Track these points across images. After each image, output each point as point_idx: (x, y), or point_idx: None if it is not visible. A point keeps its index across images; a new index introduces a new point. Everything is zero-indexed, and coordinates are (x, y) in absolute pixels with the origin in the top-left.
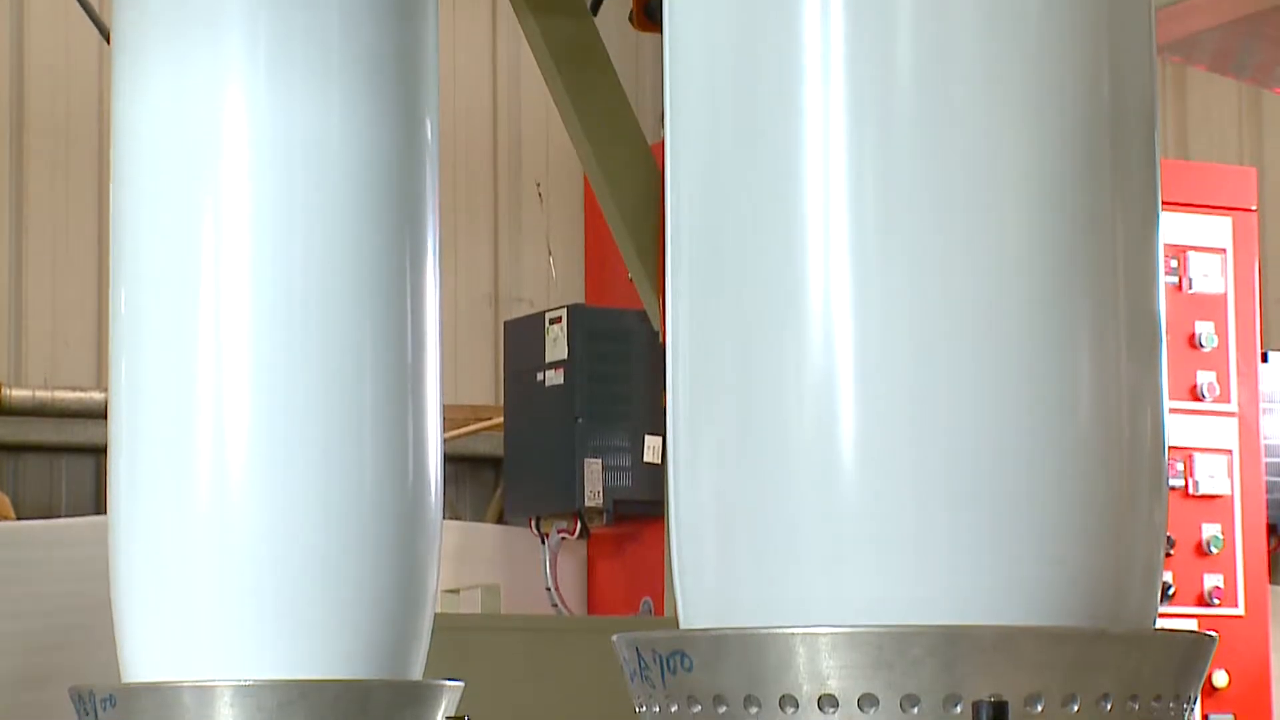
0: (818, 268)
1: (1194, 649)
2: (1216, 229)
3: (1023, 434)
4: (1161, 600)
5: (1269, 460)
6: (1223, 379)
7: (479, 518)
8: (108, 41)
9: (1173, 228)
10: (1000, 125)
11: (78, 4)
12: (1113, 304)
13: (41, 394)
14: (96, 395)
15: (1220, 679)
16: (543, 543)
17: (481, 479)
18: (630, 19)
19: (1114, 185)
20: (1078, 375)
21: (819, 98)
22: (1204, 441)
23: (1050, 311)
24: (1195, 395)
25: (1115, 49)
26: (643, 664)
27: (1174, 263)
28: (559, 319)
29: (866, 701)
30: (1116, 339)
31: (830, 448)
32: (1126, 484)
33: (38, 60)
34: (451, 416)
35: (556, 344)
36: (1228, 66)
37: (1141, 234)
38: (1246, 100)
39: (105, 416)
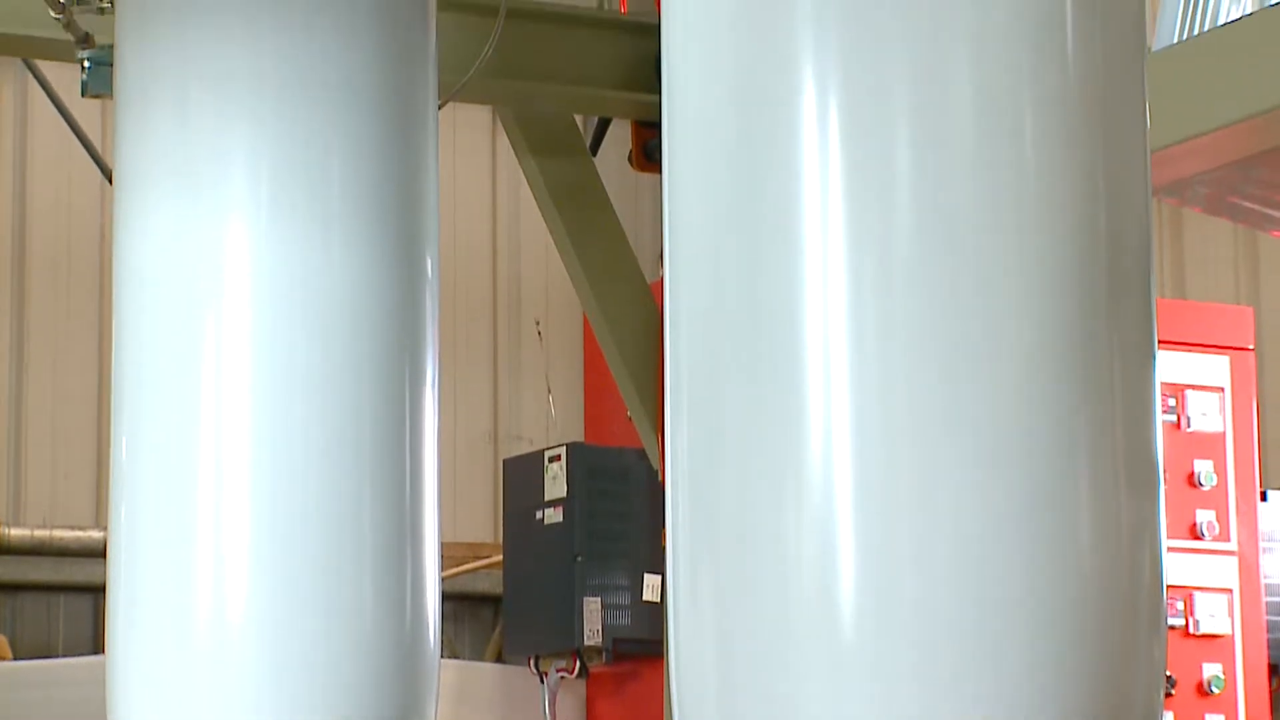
0: (818, 405)
1: None
2: (1214, 368)
3: (1021, 572)
4: None
5: (1269, 599)
6: (1222, 517)
7: (478, 656)
8: (109, 181)
9: (1171, 366)
10: (997, 264)
11: (80, 144)
12: (1111, 442)
13: (40, 533)
14: (95, 534)
15: None
16: (542, 682)
17: (480, 617)
18: (629, 159)
19: (1110, 323)
20: (1076, 513)
21: (818, 237)
22: (1204, 580)
23: (1048, 449)
24: (1195, 534)
25: (1111, 189)
26: None
27: (1172, 401)
28: (558, 457)
29: None
30: (1115, 477)
31: (831, 587)
32: (1125, 622)
33: (40, 196)
34: (450, 554)
35: (556, 482)
36: (1222, 209)
37: (1139, 372)
38: (1243, 240)
39: (104, 556)
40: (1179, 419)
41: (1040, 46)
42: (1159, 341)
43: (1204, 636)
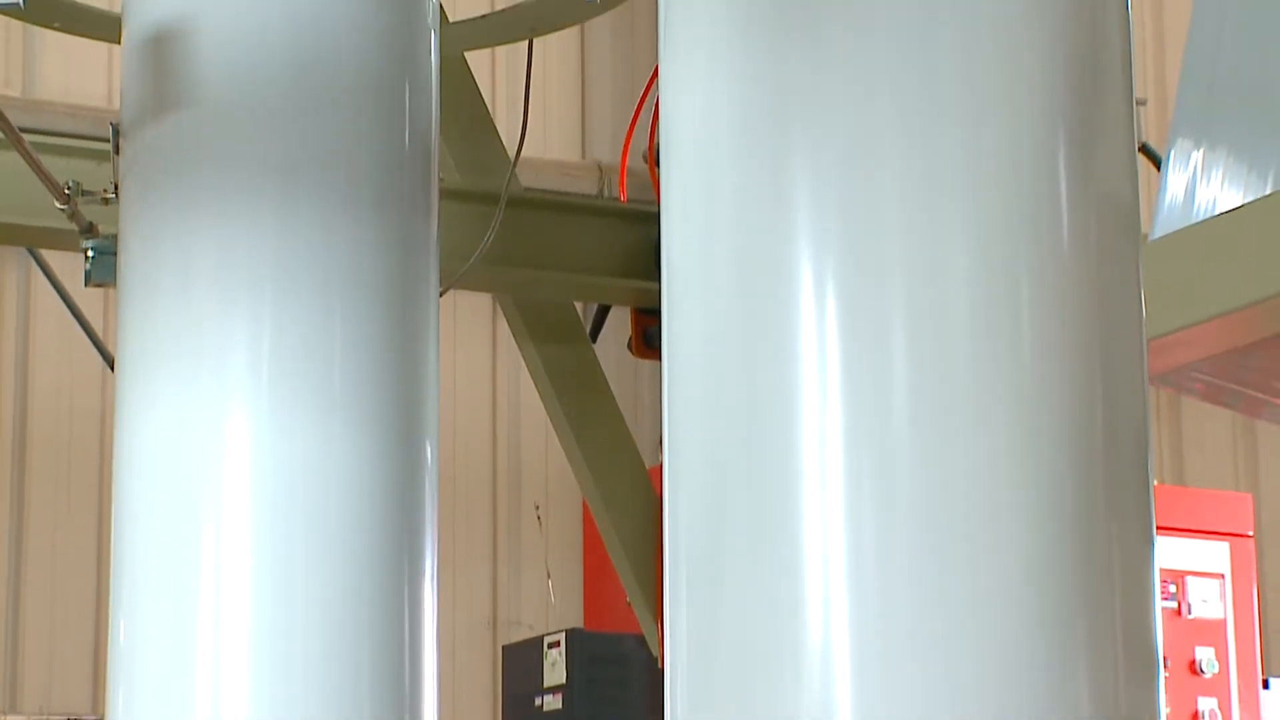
0: (816, 595)
1: None
2: (1214, 554)
3: None
4: None
5: None
6: (1224, 705)
7: None
8: (111, 368)
9: (1171, 553)
10: (994, 453)
11: (82, 331)
12: (1110, 629)
13: None
14: None
15: None
16: None
17: None
18: (629, 346)
19: (1108, 511)
20: (1076, 703)
21: (816, 426)
22: None
23: (1047, 637)
24: None
25: (1108, 377)
26: None
27: (1173, 588)
28: (557, 643)
29: None
30: (1114, 665)
31: None
32: None
33: (41, 383)
34: None
35: (555, 668)
36: (1220, 398)
37: (1138, 559)
38: (1241, 427)
39: None
40: (1179, 606)
41: (1037, 237)
42: (1158, 528)
43: None
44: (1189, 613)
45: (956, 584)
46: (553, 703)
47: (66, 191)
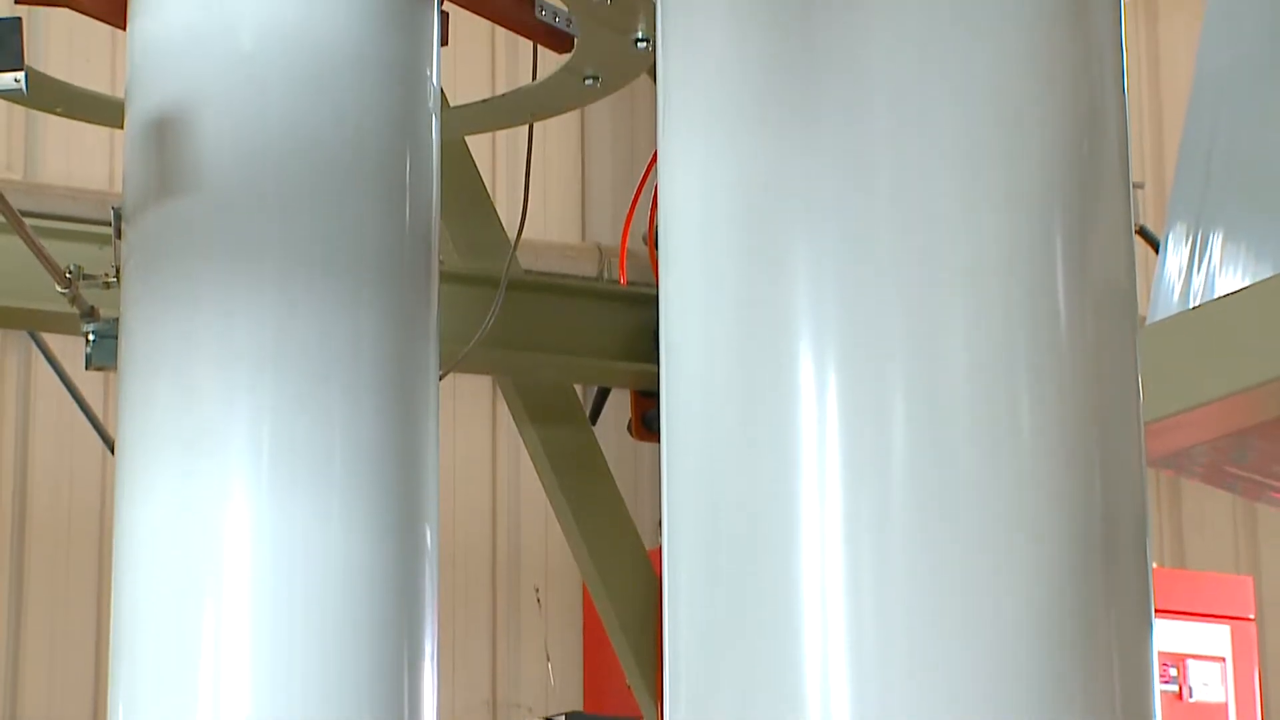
0: (815, 677)
1: None
2: (1215, 637)
3: None
4: None
5: None
6: None
7: None
8: (111, 451)
9: (1171, 636)
10: (992, 538)
11: (82, 414)
12: (1109, 713)
13: None
14: None
15: None
16: None
17: None
18: (629, 428)
19: (1107, 594)
20: None
21: (815, 516)
22: None
23: None
24: None
25: (1106, 460)
26: None
27: (1173, 671)
28: None
29: None
30: None
31: None
32: None
33: (41, 466)
34: None
35: None
36: (1220, 480)
37: (1137, 642)
38: (1241, 509)
39: None
40: (1180, 689)
41: (1034, 322)
42: (1158, 610)
43: None
44: (1190, 696)
45: (955, 669)
46: None
47: (68, 275)
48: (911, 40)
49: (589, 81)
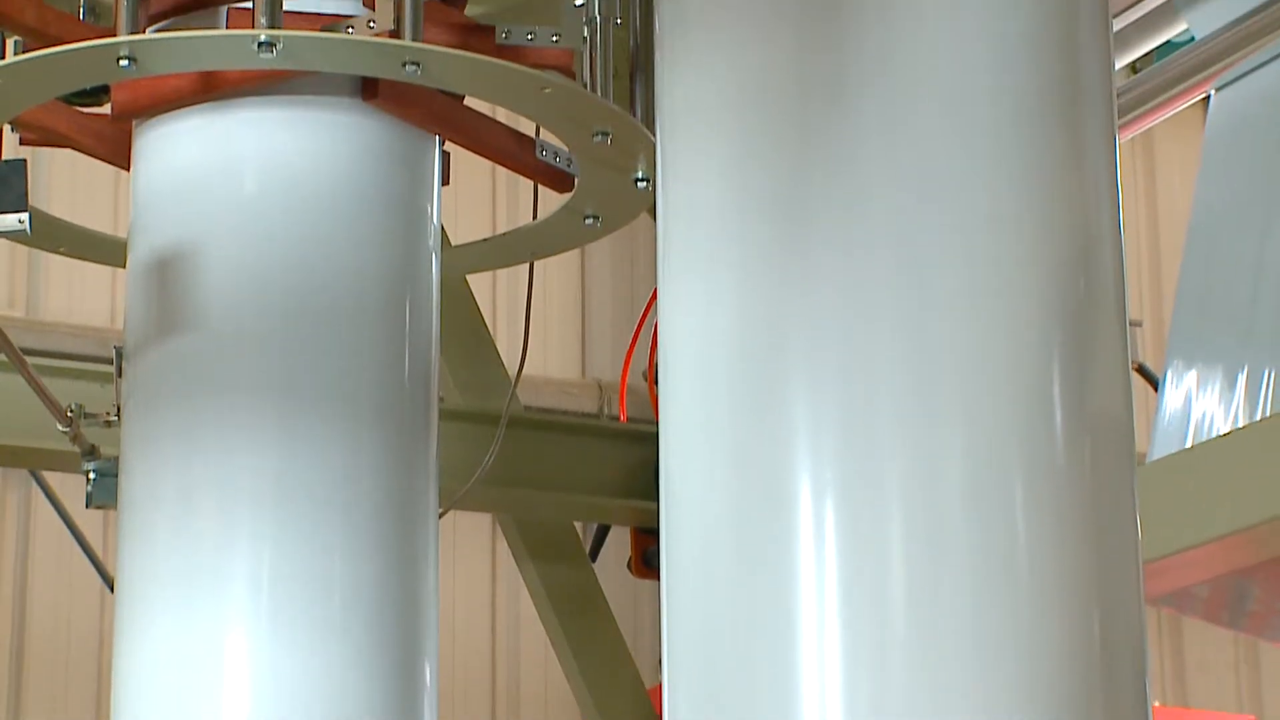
0: None
1: None
2: None
3: None
4: None
5: None
6: None
7: None
8: (110, 589)
9: None
10: (992, 674)
11: (82, 551)
12: None
13: None
14: None
15: None
16: None
17: None
18: (629, 566)
19: None
20: None
21: (814, 650)
22: None
23: None
24: None
25: (1104, 599)
26: None
27: None
28: None
29: None
30: None
31: None
32: None
33: (40, 603)
34: None
35: None
36: (1222, 618)
37: None
38: (1243, 647)
39: None
40: None
41: (1033, 461)
42: None
43: None
44: None
45: None
46: None
47: (69, 414)
48: (910, 180)
49: (589, 221)
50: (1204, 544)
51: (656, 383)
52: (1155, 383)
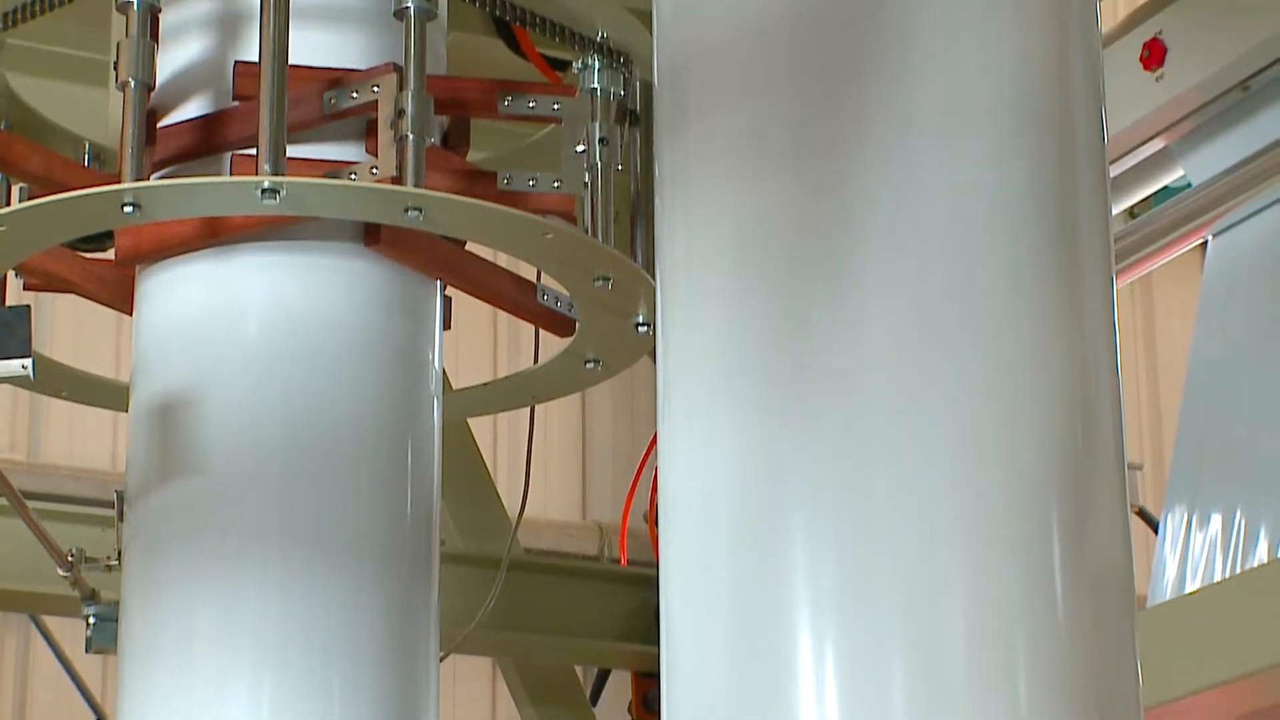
0: None
1: None
2: None
3: None
4: None
5: None
6: None
7: None
8: None
9: None
10: None
11: (81, 696)
12: None
13: None
14: None
15: None
16: None
17: None
18: (629, 710)
19: None
20: None
21: None
22: None
23: None
24: None
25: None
26: None
27: None
28: None
29: None
30: None
31: None
32: None
33: None
34: None
35: None
36: None
37: None
38: None
39: None
40: None
41: (1031, 607)
42: None
43: None
44: None
45: None
46: None
47: (70, 558)
48: (908, 324)
49: (590, 364)
50: (1204, 691)
51: (657, 525)
52: (1155, 527)
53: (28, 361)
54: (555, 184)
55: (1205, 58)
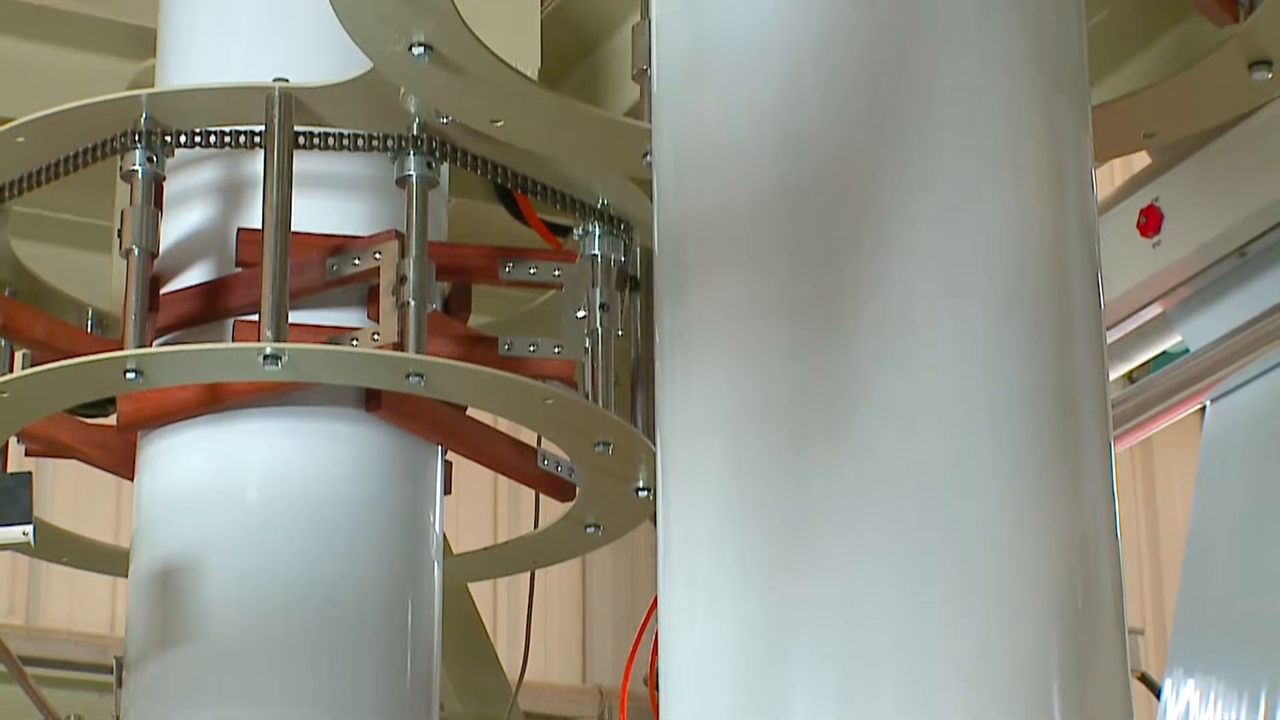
0: None
1: None
2: None
3: None
4: None
5: None
6: None
7: None
8: None
9: None
10: None
11: None
12: None
13: None
14: None
15: None
16: None
17: None
18: None
19: None
20: None
21: None
22: None
23: None
24: None
25: None
26: None
27: None
28: None
29: None
30: None
31: None
32: None
33: None
34: None
35: None
36: None
37: None
38: None
39: None
40: None
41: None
42: None
43: None
44: None
45: None
46: None
47: None
48: (908, 491)
49: (591, 529)
50: None
51: (658, 689)
52: (1158, 691)
53: (29, 528)
54: (556, 349)
55: (1202, 224)
